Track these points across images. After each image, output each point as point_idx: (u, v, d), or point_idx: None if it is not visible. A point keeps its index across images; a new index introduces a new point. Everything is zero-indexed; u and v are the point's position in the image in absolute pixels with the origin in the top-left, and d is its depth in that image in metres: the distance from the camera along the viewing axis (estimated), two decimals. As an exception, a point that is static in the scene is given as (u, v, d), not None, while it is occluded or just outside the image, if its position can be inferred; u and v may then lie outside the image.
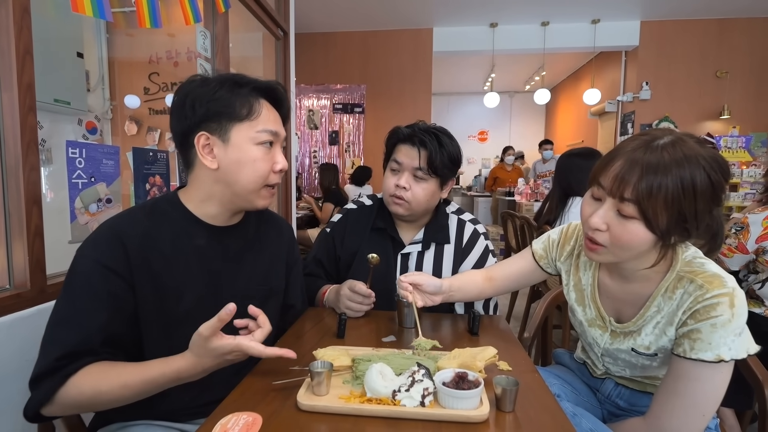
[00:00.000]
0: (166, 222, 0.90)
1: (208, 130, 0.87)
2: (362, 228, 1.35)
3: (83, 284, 0.79)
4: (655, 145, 0.77)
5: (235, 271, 0.97)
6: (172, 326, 0.87)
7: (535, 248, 1.14)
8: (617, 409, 1.04)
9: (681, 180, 0.74)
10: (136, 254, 0.83)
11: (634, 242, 0.80)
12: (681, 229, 0.78)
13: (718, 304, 0.78)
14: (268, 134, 0.90)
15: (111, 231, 0.83)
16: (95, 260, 0.80)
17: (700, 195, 0.75)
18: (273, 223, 1.12)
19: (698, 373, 0.80)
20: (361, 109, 6.09)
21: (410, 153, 1.24)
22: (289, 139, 2.88)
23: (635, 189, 0.76)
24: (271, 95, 0.94)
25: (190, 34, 1.87)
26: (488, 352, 0.82)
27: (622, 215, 0.79)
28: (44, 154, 1.48)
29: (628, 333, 0.93)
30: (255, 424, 0.65)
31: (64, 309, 0.79)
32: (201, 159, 0.88)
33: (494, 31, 5.99)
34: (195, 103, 0.86)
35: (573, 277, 1.05)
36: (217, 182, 0.90)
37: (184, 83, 0.90)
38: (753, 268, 1.74)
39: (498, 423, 0.68)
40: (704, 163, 0.75)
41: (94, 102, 1.92)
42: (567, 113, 8.84)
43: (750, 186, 5.37)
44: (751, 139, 5.67)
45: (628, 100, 6.10)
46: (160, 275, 0.85)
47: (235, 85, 0.89)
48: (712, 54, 5.76)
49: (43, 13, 1.34)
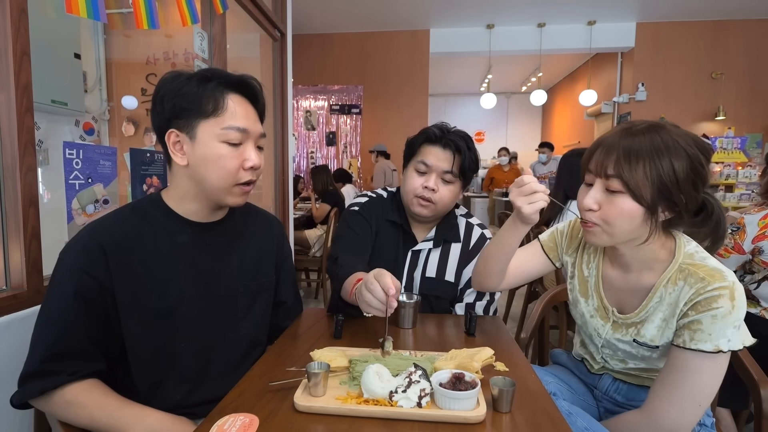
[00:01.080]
0: (146, 221, 0.90)
1: (177, 128, 0.86)
2: (381, 218, 1.35)
3: (60, 288, 0.81)
4: (632, 130, 0.85)
5: (221, 267, 0.96)
6: (155, 323, 0.88)
7: (543, 240, 1.15)
8: (615, 405, 1.05)
9: (656, 150, 0.81)
10: (114, 256, 0.84)
11: (624, 215, 0.84)
12: (667, 201, 0.83)
13: (719, 297, 0.80)
14: (234, 131, 0.86)
15: (89, 235, 0.85)
16: (70, 265, 0.82)
17: (677, 165, 0.81)
18: (260, 218, 1.11)
19: (697, 364, 0.82)
20: (358, 110, 6.09)
21: (441, 155, 1.24)
22: (286, 140, 2.88)
23: (617, 163, 0.83)
24: (246, 90, 0.90)
25: (188, 35, 1.86)
26: (485, 353, 0.82)
27: (610, 192, 0.85)
28: (41, 155, 1.47)
29: (631, 324, 0.95)
30: (252, 425, 0.65)
31: (46, 311, 0.82)
32: (172, 156, 0.88)
33: (491, 32, 6.01)
34: (164, 99, 0.86)
35: (578, 269, 1.08)
36: (189, 179, 0.90)
37: (161, 79, 0.88)
38: (749, 269, 1.75)
39: (495, 424, 0.68)
40: (678, 138, 0.82)
41: (91, 103, 1.91)
42: (563, 114, 8.87)
43: (745, 186, 5.40)
44: (746, 140, 5.71)
45: (624, 101, 6.13)
46: (141, 275, 0.86)
47: (203, 79, 0.86)
48: (707, 55, 5.80)
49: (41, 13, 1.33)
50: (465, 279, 1.31)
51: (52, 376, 0.79)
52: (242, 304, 1.00)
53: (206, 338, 0.93)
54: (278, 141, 2.85)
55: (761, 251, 1.65)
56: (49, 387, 0.79)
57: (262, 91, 0.95)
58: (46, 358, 0.79)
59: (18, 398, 0.80)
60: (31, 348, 0.81)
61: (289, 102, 2.90)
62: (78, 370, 0.81)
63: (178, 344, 0.89)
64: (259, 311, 1.05)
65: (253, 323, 1.02)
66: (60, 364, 0.80)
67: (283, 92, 2.82)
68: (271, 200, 2.88)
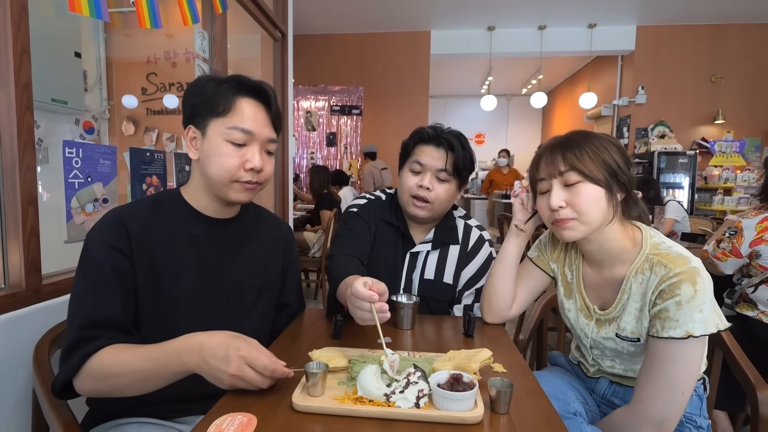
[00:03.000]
0: (166, 213, 0.95)
1: (194, 124, 0.93)
2: (379, 220, 1.35)
3: (93, 263, 0.85)
4: (560, 136, 0.99)
5: (230, 261, 1.00)
6: (164, 311, 0.91)
7: (531, 255, 1.20)
8: (613, 408, 1.05)
9: (589, 140, 0.93)
10: (136, 237, 0.89)
11: (591, 201, 0.91)
12: (617, 181, 0.93)
13: (681, 282, 0.83)
14: (239, 132, 0.90)
15: (115, 216, 0.90)
16: (102, 242, 0.86)
17: (609, 148, 0.93)
18: (271, 222, 1.14)
19: (671, 351, 0.84)
20: (358, 111, 6.09)
21: (435, 154, 1.25)
22: (286, 140, 2.88)
23: (565, 159, 0.93)
24: (259, 95, 0.95)
25: (189, 34, 1.87)
26: (483, 354, 0.82)
27: (569, 186, 0.93)
28: (41, 154, 1.47)
29: (612, 319, 0.98)
30: (250, 425, 0.65)
31: (80, 287, 0.85)
32: (188, 150, 0.95)
33: (491, 34, 6.02)
34: (186, 98, 0.94)
35: (561, 273, 1.12)
36: (200, 173, 0.96)
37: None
38: (746, 272, 1.75)
39: (492, 425, 0.69)
40: (600, 134, 0.96)
41: (91, 102, 1.91)
42: (563, 117, 8.89)
43: (744, 190, 5.41)
44: (745, 144, 5.73)
45: (624, 104, 6.14)
46: (158, 259, 0.90)
47: (220, 82, 0.92)
48: (706, 59, 5.81)
49: (41, 12, 1.33)
50: (463, 281, 1.31)
51: (92, 341, 0.80)
52: (246, 301, 1.02)
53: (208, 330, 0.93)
54: (278, 141, 2.85)
55: (758, 255, 1.66)
56: (90, 351, 0.79)
57: (276, 99, 0.98)
58: (85, 326, 0.81)
59: (61, 378, 0.80)
60: (68, 323, 0.83)
61: (290, 102, 2.90)
62: (115, 336, 0.82)
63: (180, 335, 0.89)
64: (262, 311, 1.06)
65: (255, 321, 1.03)
66: (99, 330, 0.81)
67: (284, 93, 2.82)
68: (271, 200, 2.88)
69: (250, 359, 0.71)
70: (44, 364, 0.93)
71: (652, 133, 5.88)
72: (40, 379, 0.90)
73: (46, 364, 0.93)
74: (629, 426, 0.90)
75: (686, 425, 0.97)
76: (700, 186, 5.82)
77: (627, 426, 0.91)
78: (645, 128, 5.98)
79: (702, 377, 1.02)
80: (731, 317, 1.75)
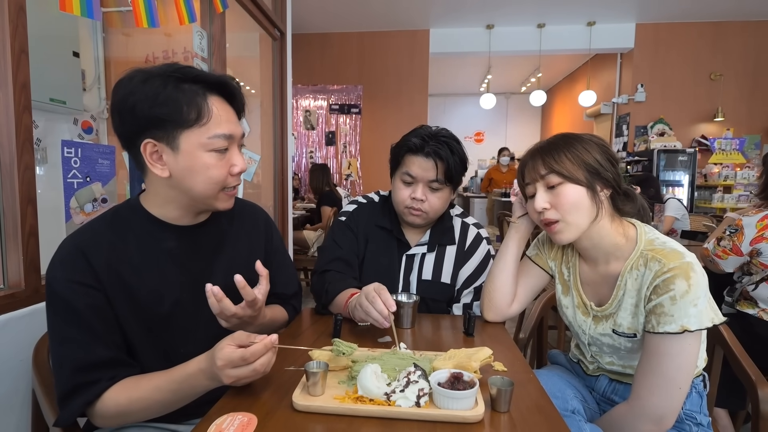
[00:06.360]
0: (129, 230, 0.87)
1: (154, 138, 0.80)
2: (371, 224, 1.34)
3: (63, 305, 0.78)
4: (542, 141, 1.01)
5: (212, 267, 0.95)
6: (155, 331, 0.87)
7: (530, 253, 1.21)
8: (613, 406, 1.05)
9: (568, 142, 0.96)
10: (103, 269, 0.81)
11: (573, 200, 0.94)
12: (600, 179, 0.95)
13: (674, 277, 0.84)
14: (221, 139, 0.82)
15: (75, 248, 0.81)
16: (66, 279, 0.78)
17: (590, 148, 0.95)
18: (246, 212, 1.07)
19: (667, 346, 0.85)
20: (357, 110, 6.08)
21: (424, 165, 1.21)
22: (286, 140, 2.88)
23: (545, 162, 0.96)
24: (224, 90, 0.85)
25: (187, 33, 1.86)
26: (483, 353, 0.82)
27: (552, 187, 0.96)
28: (39, 154, 1.47)
29: (608, 316, 0.99)
30: (250, 425, 0.65)
31: (58, 333, 0.79)
32: (150, 167, 0.82)
33: (490, 32, 6.01)
34: (136, 107, 0.78)
35: (558, 271, 1.14)
36: (172, 188, 0.85)
37: (124, 80, 0.80)
38: (747, 270, 1.75)
39: (493, 423, 0.68)
40: (582, 135, 0.98)
41: (90, 101, 1.90)
42: (563, 115, 8.88)
43: (744, 188, 5.41)
44: (745, 141, 5.73)
45: (623, 102, 6.13)
46: (132, 285, 0.84)
47: (179, 81, 0.79)
48: (706, 57, 5.80)
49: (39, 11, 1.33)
50: (461, 279, 1.31)
51: (91, 386, 0.76)
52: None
53: (205, 340, 0.92)
54: (278, 140, 2.85)
55: (759, 253, 1.66)
56: (92, 398, 0.76)
57: (240, 90, 0.89)
58: (78, 371, 0.76)
59: (65, 419, 0.76)
60: (56, 371, 0.78)
61: (289, 101, 2.90)
62: (115, 374, 0.79)
63: (177, 349, 0.89)
64: None
65: None
66: (94, 372, 0.77)
67: (283, 91, 2.82)
68: (271, 200, 2.88)
69: (231, 363, 0.70)
70: (44, 364, 0.93)
71: (652, 131, 5.88)
72: (39, 380, 0.90)
73: (45, 365, 0.93)
74: (628, 422, 0.90)
75: (686, 422, 0.97)
76: (699, 183, 5.82)
77: (626, 422, 0.91)
78: (644, 126, 5.98)
79: (702, 374, 1.02)
80: (732, 315, 1.75)
